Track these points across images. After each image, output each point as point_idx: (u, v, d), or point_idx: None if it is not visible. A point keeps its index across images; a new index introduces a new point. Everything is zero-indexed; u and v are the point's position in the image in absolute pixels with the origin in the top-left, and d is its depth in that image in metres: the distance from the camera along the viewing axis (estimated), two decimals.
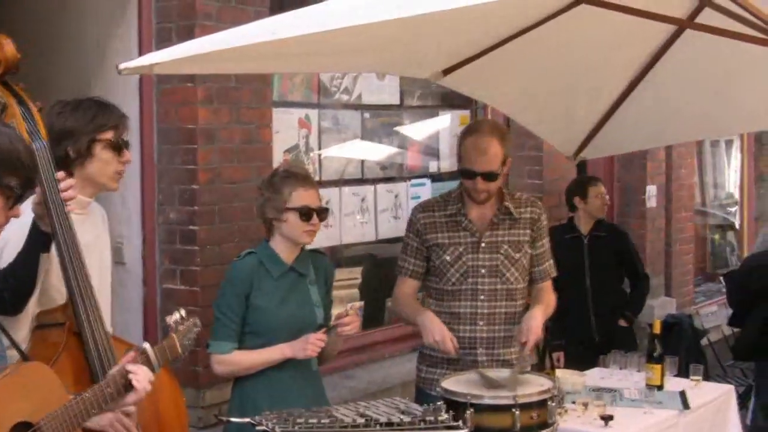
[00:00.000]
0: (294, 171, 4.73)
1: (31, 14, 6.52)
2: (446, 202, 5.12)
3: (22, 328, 3.78)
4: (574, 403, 5.15)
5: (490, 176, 4.94)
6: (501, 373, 4.67)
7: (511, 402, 4.23)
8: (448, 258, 5.03)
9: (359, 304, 7.23)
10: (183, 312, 3.92)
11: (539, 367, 5.85)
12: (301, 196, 4.60)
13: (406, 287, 5.18)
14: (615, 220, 9.53)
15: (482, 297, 5.02)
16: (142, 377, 3.41)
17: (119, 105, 4.14)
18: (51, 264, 3.72)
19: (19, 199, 3.11)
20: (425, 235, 5.09)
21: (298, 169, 4.83)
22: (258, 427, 4.02)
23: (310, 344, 4.55)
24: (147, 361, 3.53)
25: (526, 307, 5.14)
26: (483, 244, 5.02)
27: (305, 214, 4.60)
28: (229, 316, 4.60)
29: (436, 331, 4.85)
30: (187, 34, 5.66)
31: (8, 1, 6.52)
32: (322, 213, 4.69)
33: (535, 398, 4.30)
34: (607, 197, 7.97)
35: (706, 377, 6.06)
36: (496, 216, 5.05)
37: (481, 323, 5.02)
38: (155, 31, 5.88)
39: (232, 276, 4.67)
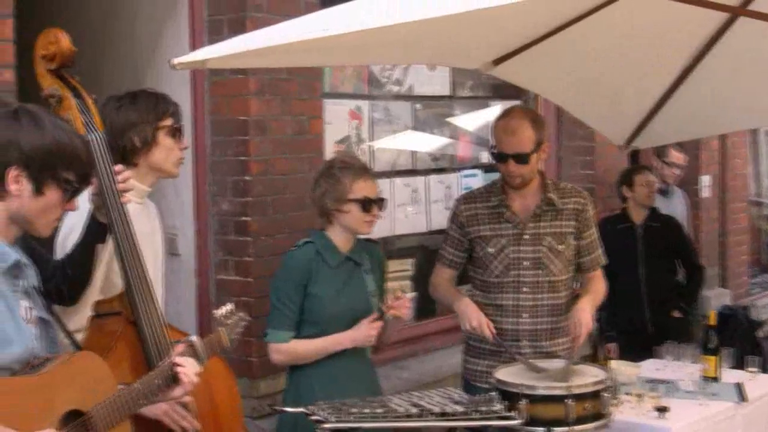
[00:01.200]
0: (352, 162, 4.76)
1: (84, 8, 6.58)
2: (489, 193, 5.11)
3: (78, 316, 3.84)
4: (628, 394, 5.13)
5: (520, 158, 4.92)
6: (547, 364, 4.65)
7: (564, 392, 4.21)
8: (491, 250, 5.02)
9: (411, 295, 7.23)
10: (231, 306, 3.97)
11: (593, 358, 5.84)
12: (361, 187, 4.64)
13: (443, 274, 5.20)
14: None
15: (525, 289, 5.00)
16: (189, 370, 3.45)
17: (172, 97, 4.21)
18: (107, 251, 3.77)
19: (76, 192, 3.15)
20: (468, 227, 5.08)
21: (355, 159, 4.86)
22: (312, 417, 4.04)
23: (369, 331, 4.58)
24: (194, 354, 3.57)
25: (572, 298, 5.11)
26: (526, 236, 5.00)
27: (366, 205, 4.63)
28: (288, 305, 4.62)
29: (474, 317, 4.84)
30: (239, 26, 5.68)
31: None
32: (381, 203, 4.72)
33: (588, 389, 4.28)
34: (657, 185, 7.87)
35: (763, 369, 5.99)
36: (538, 207, 5.02)
37: (524, 315, 5.00)
38: (207, 24, 5.90)
39: (290, 265, 4.70)
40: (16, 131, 3.03)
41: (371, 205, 4.65)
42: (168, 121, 4.09)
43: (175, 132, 4.12)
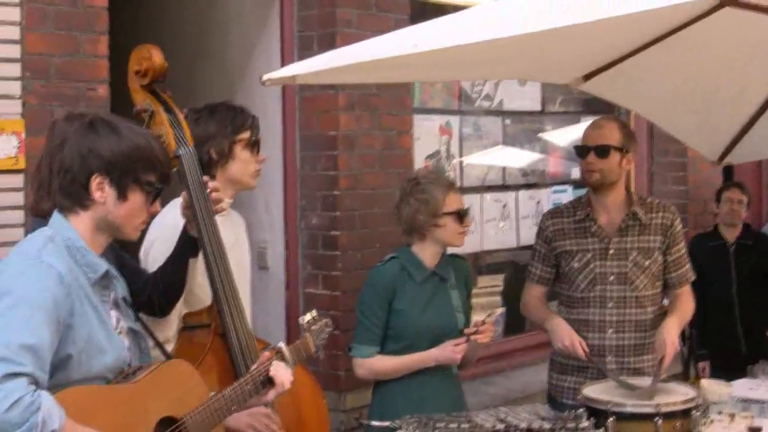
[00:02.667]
0: (437, 176, 4.79)
1: (177, 25, 6.68)
2: (575, 208, 5.07)
3: (169, 328, 3.89)
4: (720, 413, 5.03)
5: (602, 150, 4.87)
6: (640, 381, 4.60)
7: (653, 411, 4.15)
8: (576, 265, 4.98)
9: (500, 310, 7.20)
10: (315, 312, 3.99)
11: (684, 376, 5.76)
12: (453, 200, 4.67)
13: (533, 292, 5.15)
14: (764, 227, 9.28)
15: (610, 304, 4.94)
16: (282, 372, 3.48)
17: (263, 113, 4.28)
18: (197, 265, 3.81)
19: (158, 194, 3.20)
20: (554, 242, 5.04)
21: (438, 173, 4.91)
22: (398, 431, 4.04)
23: (456, 352, 4.58)
24: (282, 360, 3.59)
25: (659, 315, 5.05)
26: (611, 251, 4.94)
27: (460, 216, 4.66)
28: (372, 321, 4.64)
29: (566, 336, 4.79)
30: (328, 42, 5.73)
31: (156, 13, 6.70)
32: (468, 214, 4.78)
33: (678, 407, 4.19)
34: (745, 203, 7.69)
35: None
36: (624, 221, 4.96)
37: (609, 331, 4.94)
38: (297, 40, 5.96)
39: (374, 281, 4.71)
40: (94, 140, 3.09)
41: (465, 216, 4.68)
42: (245, 134, 4.11)
43: (253, 145, 4.15)
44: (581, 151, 4.97)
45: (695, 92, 5.40)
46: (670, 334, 4.78)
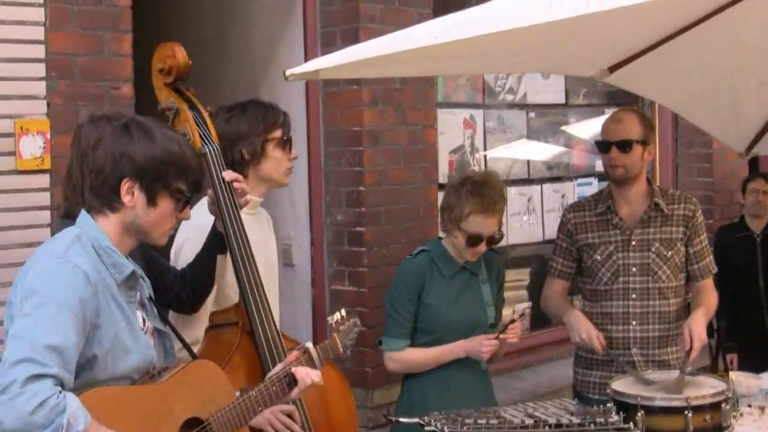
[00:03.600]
0: (485, 191, 4.60)
1: (200, 22, 6.68)
2: (596, 201, 5.05)
3: (198, 327, 3.89)
4: (749, 406, 5.00)
5: (624, 145, 4.86)
6: (662, 375, 4.57)
7: (683, 404, 4.11)
8: (598, 257, 4.96)
9: (527, 304, 7.19)
10: (344, 312, 3.97)
11: (712, 369, 5.73)
12: (477, 222, 4.57)
13: (554, 286, 5.13)
14: None
15: (634, 296, 4.92)
16: (305, 371, 3.46)
17: (286, 109, 4.24)
18: (226, 263, 3.81)
19: (188, 202, 3.19)
20: (576, 236, 5.03)
21: (492, 189, 4.64)
22: (427, 428, 4.02)
23: (485, 347, 4.56)
24: (310, 360, 3.58)
25: (682, 306, 5.03)
26: (633, 242, 4.93)
27: (474, 241, 4.59)
28: (402, 314, 4.63)
29: (583, 329, 4.77)
30: (352, 37, 5.71)
31: (179, 10, 6.70)
32: (493, 240, 4.65)
33: (708, 400, 4.16)
34: None
35: None
36: (646, 213, 4.94)
37: (634, 323, 4.93)
38: (320, 35, 5.96)
39: (404, 274, 4.70)
40: (127, 144, 3.08)
41: (478, 242, 4.59)
42: (277, 133, 4.10)
43: (285, 143, 4.13)
44: (603, 146, 4.95)
45: (721, 83, 5.37)
46: (698, 326, 4.76)
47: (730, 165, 8.25)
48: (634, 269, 4.91)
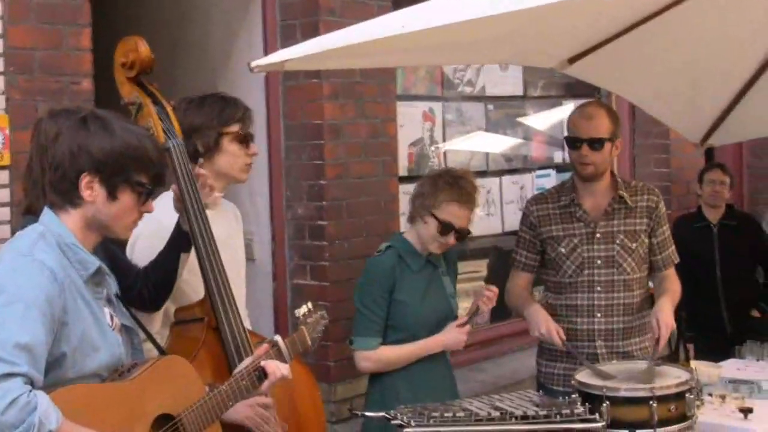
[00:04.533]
0: (461, 183, 4.64)
1: (157, 15, 6.63)
2: (559, 194, 5.06)
3: (155, 323, 3.86)
4: (710, 395, 5.04)
5: (596, 143, 4.87)
6: (622, 365, 4.59)
7: (648, 394, 4.14)
8: (563, 250, 4.97)
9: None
10: (310, 305, 3.95)
11: (673, 359, 5.75)
12: (451, 212, 4.58)
13: (519, 280, 5.13)
14: (745, 208, 9.30)
15: (599, 288, 4.94)
16: (275, 366, 3.46)
17: (246, 103, 4.20)
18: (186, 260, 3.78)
19: (150, 194, 3.16)
20: (539, 228, 5.03)
21: (468, 183, 4.68)
22: (393, 421, 4.02)
23: (463, 335, 4.57)
24: (279, 354, 3.57)
25: (645, 297, 5.06)
26: (598, 235, 4.94)
27: (445, 229, 4.58)
28: (375, 311, 4.60)
29: (542, 322, 4.78)
30: (312, 30, 5.69)
31: (136, 3, 6.64)
32: (462, 234, 4.64)
33: (672, 390, 4.19)
34: (728, 184, 7.69)
35: None
36: (610, 205, 4.96)
37: (598, 315, 4.95)
38: (280, 29, 5.93)
39: (374, 272, 4.67)
40: (85, 138, 3.05)
41: (449, 231, 4.59)
42: (234, 128, 4.04)
43: (242, 138, 4.07)
44: (573, 142, 4.94)
45: (679, 74, 5.40)
46: (665, 314, 4.79)
47: (687, 156, 8.31)
48: (599, 261, 4.93)
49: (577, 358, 4.72)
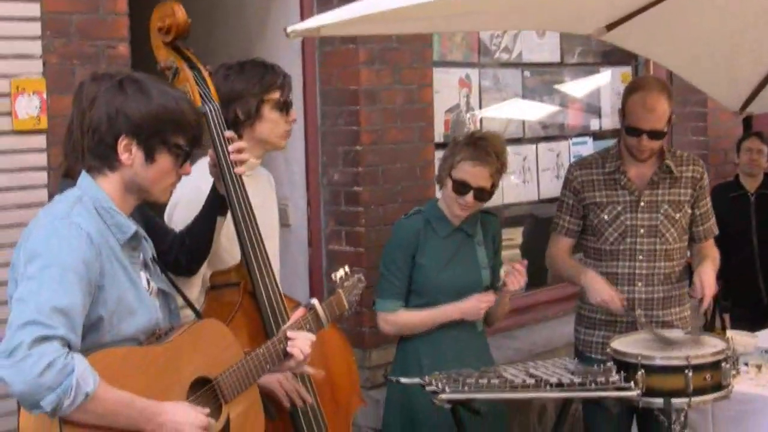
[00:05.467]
0: (480, 142, 4.59)
1: None
2: (604, 160, 5.03)
3: (194, 288, 3.87)
4: (746, 365, 5.03)
5: (657, 134, 4.84)
6: (672, 333, 4.59)
7: (683, 363, 4.13)
8: (606, 217, 4.95)
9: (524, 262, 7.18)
10: (347, 268, 3.94)
11: (709, 328, 5.74)
12: (465, 170, 4.54)
13: (561, 245, 5.11)
14: None
15: (641, 257, 4.93)
16: (300, 343, 3.42)
17: (282, 68, 4.17)
18: (223, 225, 3.79)
19: (187, 157, 3.17)
20: (582, 194, 5.01)
21: (487, 142, 4.61)
22: (428, 387, 4.04)
23: (482, 302, 4.55)
24: (316, 317, 3.56)
25: (684, 268, 5.05)
26: (642, 204, 4.92)
27: (459, 187, 4.55)
28: (396, 275, 4.61)
29: (603, 290, 4.77)
30: None
31: None
32: (482, 194, 4.58)
33: (708, 359, 4.19)
34: (765, 152, 7.57)
35: None
36: (656, 174, 4.94)
37: (639, 284, 4.93)
38: None
39: (398, 234, 4.68)
40: (122, 101, 3.05)
41: (466, 190, 4.54)
42: (275, 94, 4.01)
43: (282, 105, 4.04)
44: (633, 131, 4.86)
45: (718, 41, 5.35)
46: (708, 276, 4.79)
47: (724, 124, 8.25)
48: (642, 230, 4.91)
49: (641, 324, 4.67)
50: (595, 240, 5.01)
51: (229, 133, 3.70)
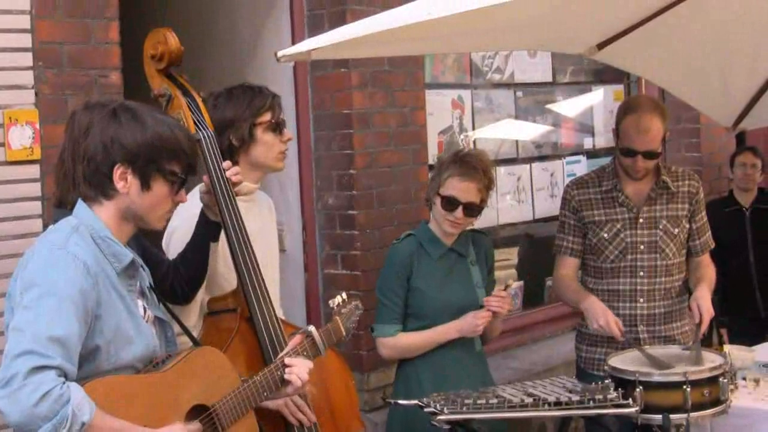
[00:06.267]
0: (466, 158, 4.62)
1: (184, 6, 6.64)
2: (600, 178, 5.05)
3: (191, 315, 3.86)
4: (744, 379, 5.03)
5: (651, 155, 4.86)
6: (665, 350, 4.59)
7: (681, 379, 4.14)
8: (605, 235, 4.96)
9: (518, 283, 7.19)
10: (345, 295, 3.96)
11: (707, 343, 5.74)
12: (454, 186, 4.55)
13: (567, 267, 5.10)
14: None
15: (642, 273, 4.94)
16: (297, 370, 3.43)
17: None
18: (218, 251, 3.78)
19: (183, 184, 3.17)
20: (581, 212, 5.02)
21: (473, 158, 4.66)
22: (426, 409, 4.03)
23: (478, 319, 4.55)
24: (312, 344, 3.57)
25: (683, 282, 5.06)
26: (641, 220, 4.94)
27: (448, 203, 4.55)
28: (392, 299, 4.61)
29: (600, 315, 4.75)
30: (339, 19, 5.68)
31: None
32: (471, 209, 4.58)
33: (706, 375, 4.20)
34: (759, 167, 7.59)
35: None
36: (653, 190, 4.96)
37: (641, 300, 4.95)
38: (307, 19, 5.92)
39: (392, 259, 4.69)
40: (116, 130, 3.06)
41: (454, 206, 4.54)
42: (266, 116, 4.02)
43: (275, 126, 4.05)
44: (628, 152, 4.87)
45: (709, 58, 5.37)
46: (705, 300, 4.78)
47: (717, 140, 8.27)
48: (641, 247, 4.93)
49: (638, 349, 4.64)
50: (595, 258, 5.02)
51: (226, 164, 3.70)
